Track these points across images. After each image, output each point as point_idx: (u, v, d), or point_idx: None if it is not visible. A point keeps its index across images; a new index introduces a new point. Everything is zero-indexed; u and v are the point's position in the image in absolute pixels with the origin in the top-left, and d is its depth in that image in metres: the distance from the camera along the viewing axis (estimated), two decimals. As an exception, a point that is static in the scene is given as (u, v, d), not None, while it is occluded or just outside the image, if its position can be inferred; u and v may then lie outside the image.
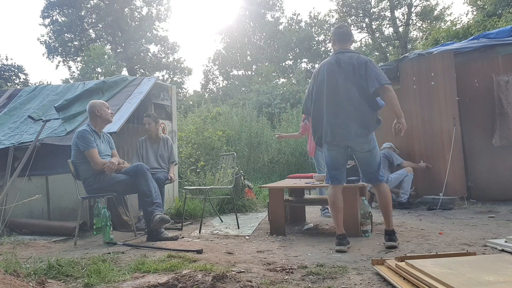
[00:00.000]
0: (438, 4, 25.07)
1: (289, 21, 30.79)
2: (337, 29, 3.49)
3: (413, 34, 26.85)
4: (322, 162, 5.30)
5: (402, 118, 3.28)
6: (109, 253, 3.17)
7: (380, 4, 26.49)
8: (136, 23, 28.21)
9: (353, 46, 3.93)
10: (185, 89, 30.05)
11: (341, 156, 3.35)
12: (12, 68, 23.80)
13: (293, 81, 21.24)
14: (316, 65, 28.42)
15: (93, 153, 3.80)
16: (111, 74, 20.22)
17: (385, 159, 5.76)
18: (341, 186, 3.36)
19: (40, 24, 28.82)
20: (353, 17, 27.82)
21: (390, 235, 3.25)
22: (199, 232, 4.27)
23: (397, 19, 26.11)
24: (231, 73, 31.66)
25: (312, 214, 5.46)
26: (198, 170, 7.50)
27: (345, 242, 3.18)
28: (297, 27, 29.64)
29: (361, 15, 27.40)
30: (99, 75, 21.34)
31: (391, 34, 26.80)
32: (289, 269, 2.59)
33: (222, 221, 5.04)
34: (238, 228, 4.46)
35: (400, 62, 6.46)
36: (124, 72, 26.46)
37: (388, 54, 25.73)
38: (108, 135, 4.25)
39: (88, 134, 3.86)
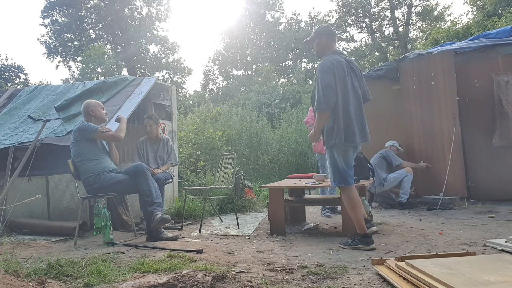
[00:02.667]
0: (438, 4, 25.06)
1: (289, 21, 30.79)
2: (329, 28, 3.49)
3: (413, 34, 26.88)
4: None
5: None
6: (109, 253, 3.17)
7: (380, 4, 26.49)
8: (136, 23, 28.21)
9: (353, 46, 3.96)
10: (185, 89, 30.05)
11: (353, 157, 3.46)
12: (12, 68, 23.81)
13: (293, 81, 21.26)
14: (316, 65, 28.34)
15: (102, 131, 3.94)
16: (111, 74, 20.23)
17: (383, 160, 5.75)
18: None
19: (40, 24, 28.85)
20: (353, 17, 27.82)
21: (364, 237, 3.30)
22: (199, 232, 4.27)
23: (397, 19, 26.11)
24: (231, 73, 31.65)
25: (312, 214, 5.46)
26: (198, 170, 7.50)
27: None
28: (297, 27, 29.62)
29: (361, 15, 27.40)
30: (99, 75, 21.33)
31: (391, 34, 26.79)
32: (289, 269, 2.59)
33: (222, 221, 5.04)
34: (238, 228, 4.46)
35: (400, 62, 6.46)
36: (124, 72, 26.46)
37: (388, 54, 25.73)
38: None
39: (87, 123, 4.00)
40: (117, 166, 4.17)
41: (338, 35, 27.97)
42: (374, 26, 27.35)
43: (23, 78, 24.12)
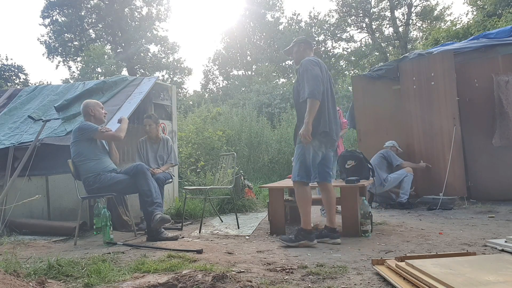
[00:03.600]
0: (438, 4, 25.03)
1: (289, 21, 30.77)
2: (307, 39, 3.75)
3: (413, 34, 26.85)
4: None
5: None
6: (109, 253, 3.17)
7: (380, 4, 26.47)
8: (136, 23, 28.20)
9: (353, 46, 4.05)
10: (185, 89, 30.05)
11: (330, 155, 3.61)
12: (12, 68, 23.80)
13: (293, 81, 21.22)
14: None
15: (102, 131, 3.94)
16: (111, 74, 20.23)
17: (383, 160, 5.75)
18: None
19: (40, 24, 28.84)
20: (353, 17, 27.80)
21: (332, 232, 3.48)
22: (199, 232, 4.27)
23: (397, 19, 26.09)
24: (231, 73, 31.65)
25: (312, 214, 5.41)
26: (198, 170, 7.50)
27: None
28: (297, 27, 29.60)
29: (361, 15, 27.38)
30: (99, 75, 21.33)
31: (391, 34, 26.78)
32: (289, 269, 2.59)
33: (222, 221, 5.04)
34: (238, 228, 4.46)
35: (400, 62, 6.46)
36: (124, 72, 26.44)
37: (388, 54, 25.71)
38: None
39: (87, 123, 4.01)
40: (117, 166, 4.17)
41: (338, 35, 28.01)
42: (374, 26, 27.34)
43: (23, 78, 24.12)
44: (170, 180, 4.71)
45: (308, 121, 3.23)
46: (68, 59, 27.96)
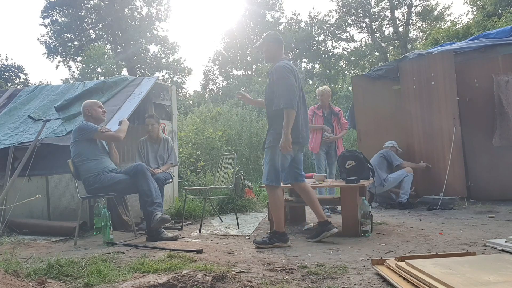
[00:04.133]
0: (438, 4, 25.02)
1: (289, 21, 30.75)
2: (276, 35, 3.64)
3: (413, 34, 26.85)
4: (323, 162, 5.31)
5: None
6: (109, 253, 3.17)
7: (380, 4, 26.46)
8: (136, 23, 28.19)
9: (353, 46, 4.04)
10: (185, 89, 30.04)
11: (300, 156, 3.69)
12: (12, 68, 23.81)
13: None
14: (317, 65, 28.14)
15: (101, 131, 3.94)
16: (111, 74, 20.21)
17: (384, 160, 5.75)
18: None
19: (40, 24, 28.83)
20: (353, 17, 27.80)
21: (326, 224, 3.53)
22: (199, 232, 4.27)
23: (397, 19, 26.10)
24: (231, 73, 31.62)
25: (312, 214, 5.42)
26: (198, 170, 7.50)
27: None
28: (297, 27, 29.59)
29: (361, 15, 27.38)
30: (99, 75, 21.31)
31: (391, 34, 26.78)
32: (289, 269, 2.59)
33: (222, 221, 5.04)
34: (238, 228, 4.46)
35: (400, 62, 6.46)
36: (124, 72, 26.42)
37: (388, 54, 25.71)
38: None
39: (87, 123, 4.02)
40: (117, 166, 4.17)
41: (338, 35, 28.00)
42: (374, 26, 27.34)
43: (23, 78, 24.13)
44: (170, 180, 4.71)
45: (287, 132, 3.28)
46: (68, 59, 27.96)
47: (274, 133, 3.42)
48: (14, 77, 23.80)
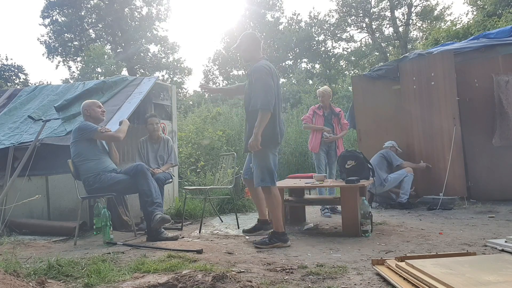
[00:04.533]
0: (438, 4, 25.05)
1: (289, 21, 30.73)
2: (253, 34, 3.70)
3: (413, 34, 26.86)
4: (323, 162, 5.30)
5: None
6: (109, 253, 3.17)
7: (380, 4, 26.47)
8: (136, 23, 28.19)
9: (353, 46, 4.03)
10: (185, 89, 30.03)
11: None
12: (12, 68, 23.83)
13: (293, 81, 21.24)
14: (317, 65, 28.07)
15: (101, 131, 3.93)
16: (111, 74, 20.21)
17: (384, 160, 5.75)
18: None
19: (40, 24, 28.82)
20: (353, 17, 27.81)
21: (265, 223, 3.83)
22: (199, 232, 4.27)
23: (397, 19, 26.11)
24: (231, 73, 31.63)
25: (312, 214, 5.46)
26: (198, 170, 7.50)
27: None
28: (297, 27, 29.58)
29: (361, 15, 27.39)
30: (99, 75, 21.32)
31: (391, 34, 26.79)
32: (289, 269, 2.59)
33: (222, 221, 5.04)
34: (238, 228, 4.46)
35: (400, 62, 6.46)
36: (124, 72, 26.42)
37: (388, 54, 25.72)
38: None
39: (87, 123, 4.02)
40: (117, 166, 4.17)
41: (338, 35, 28.01)
42: (374, 26, 27.35)
43: (23, 78, 24.14)
44: (170, 180, 4.71)
45: (258, 132, 3.29)
46: (68, 59, 27.96)
47: (267, 134, 3.42)
48: (14, 77, 23.81)
